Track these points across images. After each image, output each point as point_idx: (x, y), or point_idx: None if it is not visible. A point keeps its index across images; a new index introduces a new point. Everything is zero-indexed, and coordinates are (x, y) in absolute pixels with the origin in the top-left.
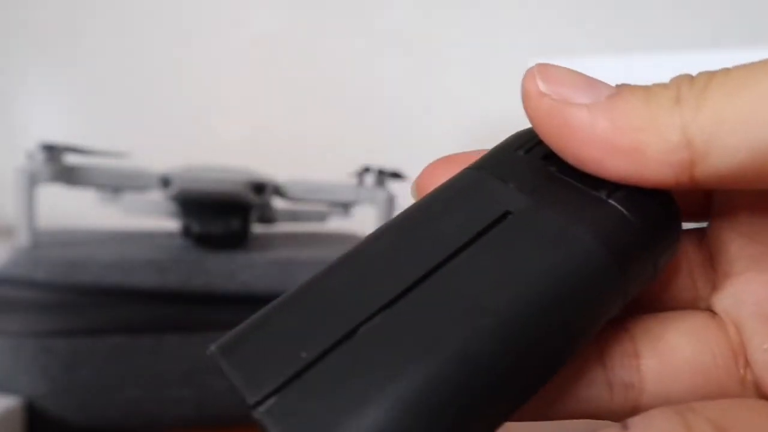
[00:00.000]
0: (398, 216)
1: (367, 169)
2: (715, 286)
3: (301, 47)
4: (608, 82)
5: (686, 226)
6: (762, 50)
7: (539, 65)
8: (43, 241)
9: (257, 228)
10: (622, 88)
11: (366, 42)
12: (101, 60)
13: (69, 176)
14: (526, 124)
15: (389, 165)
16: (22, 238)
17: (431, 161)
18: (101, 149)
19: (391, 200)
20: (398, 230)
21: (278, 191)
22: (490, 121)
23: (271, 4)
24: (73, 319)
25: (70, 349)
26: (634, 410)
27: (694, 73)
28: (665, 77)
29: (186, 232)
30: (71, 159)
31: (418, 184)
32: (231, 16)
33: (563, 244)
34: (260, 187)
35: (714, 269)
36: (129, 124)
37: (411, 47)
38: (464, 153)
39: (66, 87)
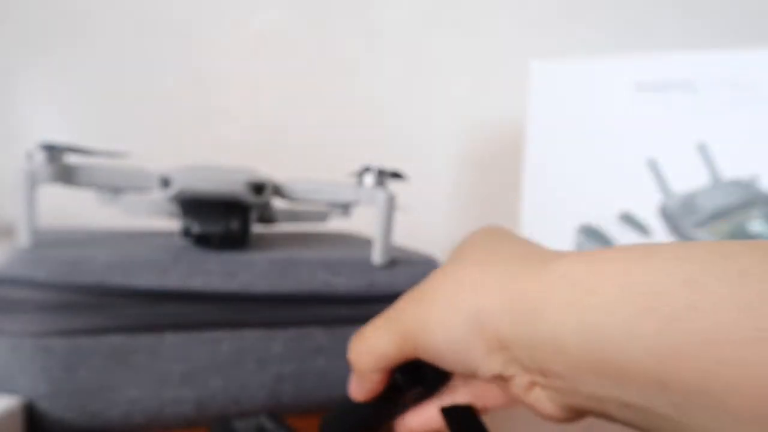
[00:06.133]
0: None
1: (367, 169)
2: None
3: (301, 48)
4: (609, 83)
5: None
6: (762, 50)
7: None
8: (43, 241)
9: (257, 228)
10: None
11: (366, 42)
12: (101, 60)
13: (69, 176)
14: (524, 124)
15: (389, 165)
16: (22, 238)
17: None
18: (101, 149)
19: (391, 200)
20: None
21: (278, 191)
22: (489, 121)
23: (272, 5)
24: (73, 319)
25: (70, 349)
26: None
27: (693, 72)
28: (665, 77)
29: (186, 232)
30: (71, 159)
31: None
32: (231, 17)
33: None
34: (260, 187)
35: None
36: (129, 124)
37: (411, 48)
38: None
39: (66, 87)
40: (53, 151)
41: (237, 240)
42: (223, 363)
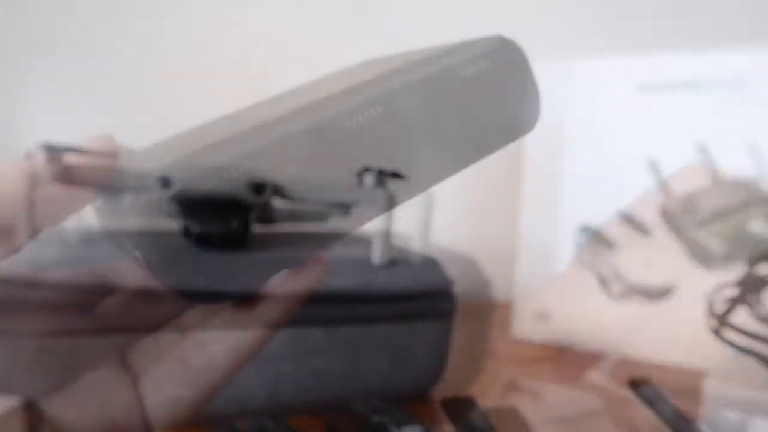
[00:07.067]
0: None
1: (367, 169)
2: None
3: (301, 48)
4: (610, 83)
5: None
6: (762, 50)
7: None
8: (43, 241)
9: (257, 228)
10: None
11: (365, 42)
12: (102, 61)
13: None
14: None
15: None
16: (22, 238)
17: None
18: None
19: (391, 200)
20: None
21: (278, 191)
22: None
23: (272, 5)
24: (73, 319)
25: (70, 349)
26: None
27: (693, 72)
28: (665, 77)
29: (186, 232)
30: (71, 159)
31: None
32: (231, 17)
33: None
34: (260, 187)
35: None
36: (129, 124)
37: (410, 47)
38: None
39: (67, 87)
40: (53, 151)
41: (237, 240)
42: None
